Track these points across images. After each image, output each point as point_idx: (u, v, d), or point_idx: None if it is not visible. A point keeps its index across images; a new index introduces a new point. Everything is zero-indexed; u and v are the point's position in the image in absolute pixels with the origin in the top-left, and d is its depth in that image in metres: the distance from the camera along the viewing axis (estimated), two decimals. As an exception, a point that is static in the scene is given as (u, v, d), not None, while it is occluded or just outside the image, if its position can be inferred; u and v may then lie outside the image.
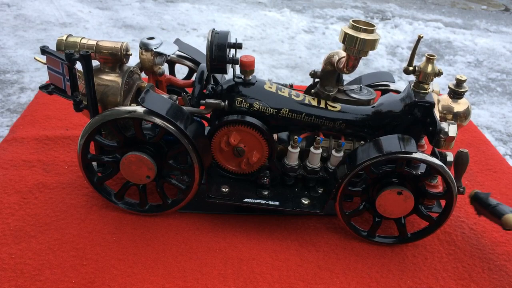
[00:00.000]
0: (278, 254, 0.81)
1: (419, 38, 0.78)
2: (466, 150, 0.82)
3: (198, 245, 0.81)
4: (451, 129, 0.78)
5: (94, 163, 0.87)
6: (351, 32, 0.76)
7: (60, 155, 1.00)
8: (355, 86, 0.89)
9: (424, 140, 0.91)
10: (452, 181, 0.78)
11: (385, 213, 0.81)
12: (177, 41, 0.95)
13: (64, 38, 0.82)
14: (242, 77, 0.84)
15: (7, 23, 2.36)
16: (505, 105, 2.09)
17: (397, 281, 0.78)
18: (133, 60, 0.86)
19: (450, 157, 0.84)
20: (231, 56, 0.83)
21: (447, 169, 0.77)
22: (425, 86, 0.81)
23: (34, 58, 0.83)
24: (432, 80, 0.81)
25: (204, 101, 0.82)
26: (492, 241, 0.88)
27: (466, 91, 0.82)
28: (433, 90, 0.85)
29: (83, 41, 0.81)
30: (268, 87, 0.84)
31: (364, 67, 2.37)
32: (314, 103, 0.85)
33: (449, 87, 0.83)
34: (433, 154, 0.84)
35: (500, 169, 1.11)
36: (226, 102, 0.82)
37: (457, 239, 0.88)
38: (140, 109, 0.76)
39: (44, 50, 0.78)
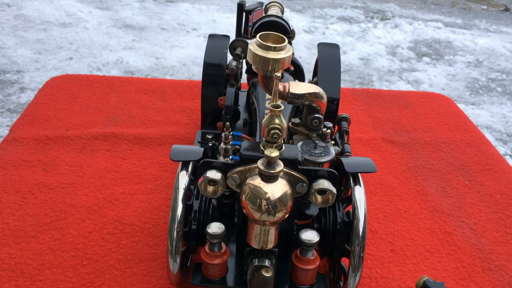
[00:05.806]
0: (278, 254, 0.81)
1: None
2: (269, 275, 0.59)
3: (198, 245, 0.81)
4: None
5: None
6: (258, 51, 0.62)
7: (60, 155, 1.00)
8: (320, 143, 0.70)
9: None
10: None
11: None
12: None
13: None
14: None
15: (7, 23, 2.36)
16: (505, 105, 2.09)
17: (397, 281, 0.78)
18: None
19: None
20: None
21: None
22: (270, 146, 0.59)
23: None
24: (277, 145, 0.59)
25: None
26: (492, 241, 0.88)
27: (280, 171, 0.57)
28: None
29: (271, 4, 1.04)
30: None
31: (364, 67, 2.37)
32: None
33: (258, 168, 0.57)
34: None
35: (500, 169, 1.11)
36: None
37: (457, 239, 0.88)
38: None
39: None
